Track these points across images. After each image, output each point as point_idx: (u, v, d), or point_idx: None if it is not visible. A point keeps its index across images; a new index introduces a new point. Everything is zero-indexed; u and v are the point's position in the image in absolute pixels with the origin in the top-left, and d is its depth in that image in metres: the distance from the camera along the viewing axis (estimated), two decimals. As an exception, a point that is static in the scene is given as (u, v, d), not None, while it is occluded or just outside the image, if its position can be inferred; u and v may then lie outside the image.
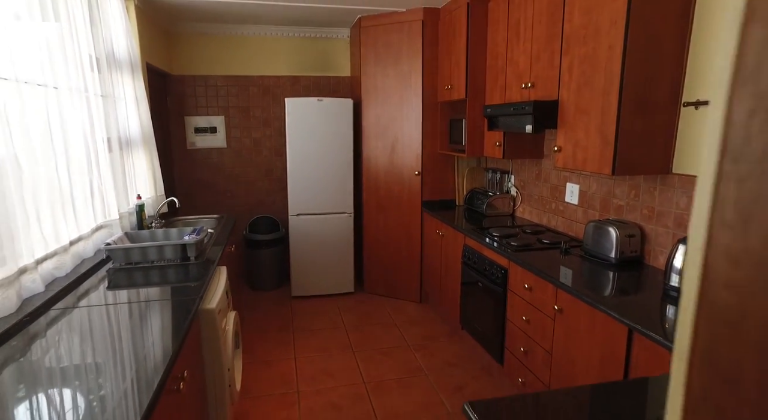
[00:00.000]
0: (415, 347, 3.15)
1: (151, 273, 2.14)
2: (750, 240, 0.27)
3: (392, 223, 3.90)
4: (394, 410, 2.46)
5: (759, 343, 0.27)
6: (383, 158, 3.86)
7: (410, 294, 3.93)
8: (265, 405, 2.50)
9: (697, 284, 0.30)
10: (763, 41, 0.26)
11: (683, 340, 0.31)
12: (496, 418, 1.05)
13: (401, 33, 3.65)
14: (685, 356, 0.31)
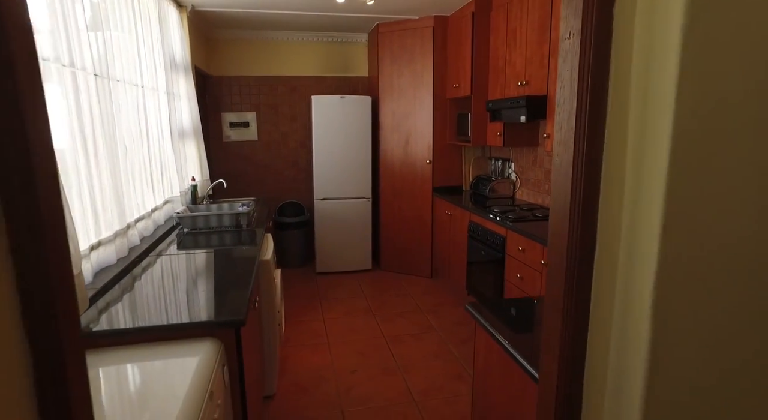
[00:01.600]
0: (427, 311, 3.62)
1: (212, 236, 2.64)
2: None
3: (406, 206, 4.38)
4: (410, 356, 2.94)
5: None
6: (398, 149, 4.34)
7: (422, 270, 4.40)
8: (302, 352, 3.00)
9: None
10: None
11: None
12: (485, 312, 1.51)
13: (414, 38, 4.12)
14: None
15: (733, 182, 0.73)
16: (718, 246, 0.74)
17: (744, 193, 0.73)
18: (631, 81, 0.77)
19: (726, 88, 0.70)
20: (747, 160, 0.73)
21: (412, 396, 2.51)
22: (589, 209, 0.83)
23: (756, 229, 0.74)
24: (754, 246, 0.75)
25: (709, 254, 0.74)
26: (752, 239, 0.75)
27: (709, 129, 0.71)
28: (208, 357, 1.33)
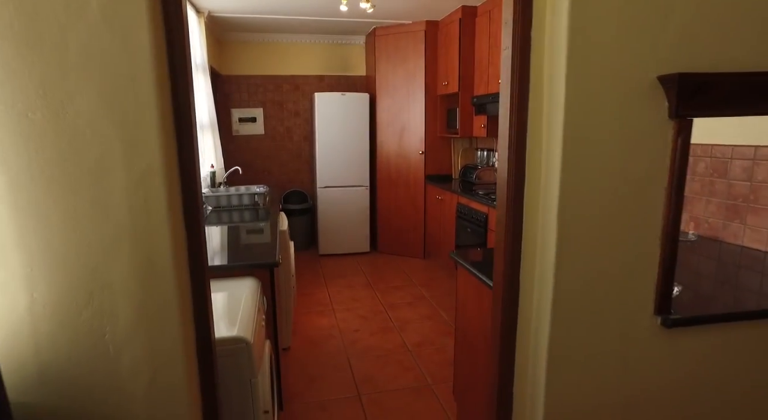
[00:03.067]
0: (420, 285, 4.07)
1: (233, 213, 3.07)
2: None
3: (401, 193, 4.82)
4: (405, 318, 3.38)
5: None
6: (393, 141, 4.78)
7: (416, 251, 4.85)
8: (311, 316, 3.43)
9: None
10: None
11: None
12: (464, 256, 1.95)
13: (408, 40, 4.56)
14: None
15: (599, 162, 1.18)
16: (589, 191, 1.19)
17: (604, 171, 1.18)
18: (543, 85, 1.21)
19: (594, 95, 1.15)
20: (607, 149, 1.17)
21: (408, 347, 2.96)
22: (520, 178, 1.27)
23: (609, 187, 1.19)
24: (610, 196, 1.20)
25: (585, 200, 1.19)
26: (608, 192, 1.19)
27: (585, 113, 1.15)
28: (254, 286, 1.78)
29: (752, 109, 1.28)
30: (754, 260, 1.86)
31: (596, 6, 1.11)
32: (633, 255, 1.26)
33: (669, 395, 1.37)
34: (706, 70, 1.20)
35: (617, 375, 1.32)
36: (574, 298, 1.24)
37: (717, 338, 1.37)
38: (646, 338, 1.32)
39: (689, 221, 2.31)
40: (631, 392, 1.34)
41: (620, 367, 1.32)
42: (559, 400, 1.30)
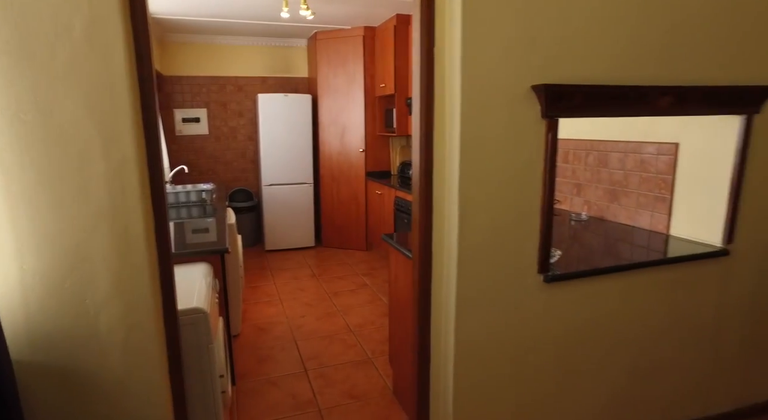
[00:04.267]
0: (362, 274, 4.36)
1: (181, 210, 3.20)
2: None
3: (343, 189, 5.09)
4: (348, 304, 3.66)
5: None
6: (335, 140, 5.04)
7: (359, 244, 5.14)
8: (258, 306, 3.62)
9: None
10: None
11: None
12: (396, 239, 2.26)
13: (347, 44, 4.83)
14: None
15: (491, 152, 1.51)
16: (484, 175, 1.52)
17: (495, 159, 1.52)
18: (445, 93, 1.53)
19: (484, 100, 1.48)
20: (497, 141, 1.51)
21: (350, 328, 3.23)
22: (429, 167, 1.59)
23: (500, 171, 1.53)
24: (501, 179, 1.54)
25: (481, 182, 1.52)
26: (499, 175, 1.53)
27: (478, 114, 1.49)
28: (207, 269, 1.98)
29: (601, 113, 1.67)
30: (624, 233, 2.31)
31: (481, 34, 1.44)
32: (520, 225, 1.61)
33: (551, 334, 1.74)
34: (566, 83, 1.57)
35: (511, 319, 1.67)
36: (475, 259, 1.58)
37: (585, 289, 1.76)
38: (532, 291, 1.68)
39: (583, 204, 2.77)
40: (523, 333, 1.70)
41: (514, 313, 1.67)
42: (466, 342, 1.62)
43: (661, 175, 2.22)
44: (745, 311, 2.07)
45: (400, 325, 2.25)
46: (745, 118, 1.83)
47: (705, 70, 1.76)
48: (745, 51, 1.80)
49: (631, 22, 1.61)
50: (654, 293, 1.88)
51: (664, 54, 1.69)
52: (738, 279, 2.01)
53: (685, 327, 1.97)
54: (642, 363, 1.93)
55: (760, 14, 1.79)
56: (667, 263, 1.88)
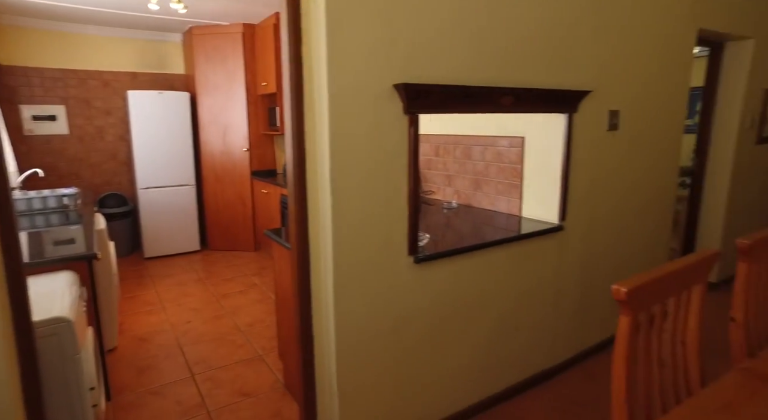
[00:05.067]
0: (252, 275, 4.29)
1: (36, 218, 2.87)
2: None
3: (228, 190, 4.93)
4: (238, 305, 3.58)
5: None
6: (217, 139, 4.86)
7: (247, 245, 5.02)
8: (138, 316, 3.39)
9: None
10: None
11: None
12: (278, 234, 2.29)
13: (226, 41, 4.69)
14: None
15: (359, 146, 1.64)
16: (354, 167, 1.64)
17: (364, 153, 1.65)
18: (314, 91, 1.62)
19: (351, 97, 1.60)
20: (365, 136, 1.64)
21: (240, 328, 3.18)
22: (301, 161, 1.67)
23: (368, 163, 1.67)
24: (369, 170, 1.67)
25: (351, 174, 1.64)
26: (368, 167, 1.67)
27: (345, 110, 1.60)
28: (71, 278, 1.84)
29: (454, 109, 1.89)
30: (487, 217, 2.61)
31: (345, 35, 1.55)
32: (389, 212, 1.76)
33: (424, 308, 1.93)
34: (424, 82, 1.75)
35: (386, 299, 1.82)
36: (349, 246, 1.69)
37: (450, 266, 1.97)
38: (404, 272, 1.84)
39: (453, 193, 3.05)
40: (398, 310, 1.86)
41: (388, 293, 1.82)
42: (346, 324, 1.74)
43: (513, 164, 2.56)
44: (577, 274, 2.49)
45: (287, 318, 2.30)
46: (568, 116, 2.20)
47: (537, 76, 2.08)
48: (566, 63, 2.17)
49: (477, 30, 1.85)
50: (508, 265, 2.18)
51: (504, 60, 1.96)
52: (570, 249, 2.41)
53: (534, 292, 2.31)
54: (501, 326, 2.22)
55: (576, 37, 2.17)
56: (517, 240, 2.18)
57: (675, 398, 1.17)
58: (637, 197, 2.77)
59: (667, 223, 3.08)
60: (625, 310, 1.02)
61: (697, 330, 1.23)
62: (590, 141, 2.39)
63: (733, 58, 3.41)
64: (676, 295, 1.15)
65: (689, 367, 1.22)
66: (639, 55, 2.54)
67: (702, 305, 1.23)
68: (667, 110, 2.84)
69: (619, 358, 1.04)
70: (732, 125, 3.46)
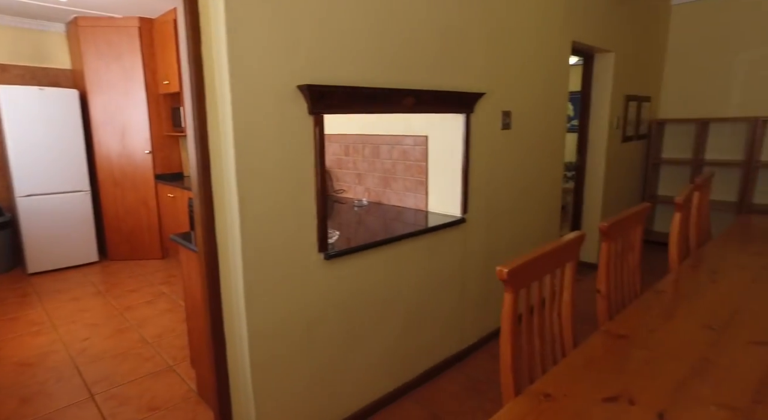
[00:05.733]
0: (160, 282, 4.05)
1: None
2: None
3: (130, 195, 4.60)
4: (144, 316, 3.37)
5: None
6: (115, 141, 4.51)
7: (153, 252, 4.72)
8: (21, 340, 3.05)
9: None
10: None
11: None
12: (185, 238, 2.21)
13: (120, 35, 4.37)
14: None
15: (266, 146, 1.65)
16: (260, 167, 1.65)
17: (271, 153, 1.66)
18: (216, 92, 1.60)
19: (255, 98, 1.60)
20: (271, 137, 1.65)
21: (147, 340, 3.00)
22: (206, 162, 1.64)
23: (275, 163, 1.68)
24: (277, 170, 1.69)
25: (258, 174, 1.64)
26: (275, 167, 1.69)
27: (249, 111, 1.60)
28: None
29: (358, 110, 1.97)
30: (396, 213, 2.73)
31: (246, 36, 1.56)
32: (298, 211, 1.79)
33: (336, 304, 1.98)
34: (327, 83, 1.81)
35: (298, 297, 1.84)
36: (258, 246, 1.69)
37: (361, 262, 2.05)
38: (315, 269, 1.88)
39: (364, 191, 3.15)
40: (311, 308, 1.89)
41: (300, 291, 1.84)
42: (258, 324, 1.74)
43: (418, 162, 2.71)
44: (480, 262, 2.70)
45: (198, 324, 2.23)
46: (466, 116, 2.39)
47: (436, 79, 2.23)
48: (462, 67, 2.35)
49: (379, 34, 1.95)
50: (416, 258, 2.31)
51: (405, 63, 2.08)
52: (473, 239, 2.61)
53: (441, 281, 2.47)
54: (412, 316, 2.35)
55: (470, 44, 2.36)
56: (423, 233, 2.32)
57: (553, 361, 1.35)
58: (530, 190, 3.07)
59: (556, 212, 3.44)
60: (508, 288, 1.16)
61: (570, 302, 1.43)
62: (487, 139, 2.60)
63: (601, 67, 3.89)
64: (551, 273, 1.32)
65: (564, 333, 1.41)
66: (525, 61, 2.82)
67: (573, 280, 1.43)
68: (552, 111, 3.17)
69: (505, 330, 1.18)
70: (603, 126, 3.94)
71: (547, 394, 1.09)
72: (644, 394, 1.08)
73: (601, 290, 1.59)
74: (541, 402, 1.06)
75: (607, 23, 3.65)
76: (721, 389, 1.09)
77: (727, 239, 2.38)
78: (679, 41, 4.63)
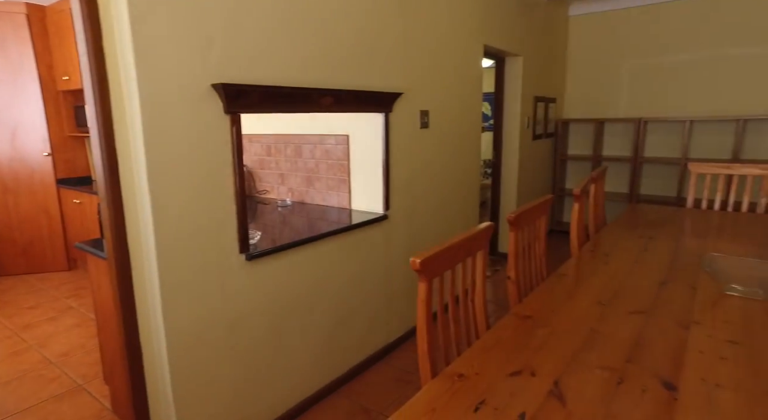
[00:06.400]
0: (66, 296, 3.72)
1: None
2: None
3: (24, 202, 4.16)
4: (46, 334, 3.08)
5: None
6: (3, 142, 4.06)
7: (58, 264, 4.32)
8: None
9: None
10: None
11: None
12: (94, 245, 2.06)
13: (4, 23, 3.93)
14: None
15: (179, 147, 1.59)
16: (174, 168, 1.59)
17: (185, 153, 1.61)
18: (122, 89, 1.52)
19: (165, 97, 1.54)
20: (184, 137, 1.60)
21: (50, 360, 2.75)
22: (113, 165, 1.56)
23: (191, 164, 1.63)
24: (193, 171, 1.64)
25: (172, 176, 1.58)
26: (191, 168, 1.63)
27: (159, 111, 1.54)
28: None
29: (276, 109, 1.96)
30: (321, 212, 2.74)
31: (153, 31, 1.49)
32: (216, 212, 1.75)
33: (261, 305, 1.96)
34: (244, 82, 1.78)
35: (220, 300, 1.80)
36: (175, 250, 1.63)
37: (285, 261, 2.05)
38: (236, 270, 1.85)
39: (287, 192, 3.12)
40: (234, 310, 1.86)
41: (221, 294, 1.80)
42: (177, 331, 1.67)
43: (341, 161, 2.74)
44: (403, 257, 2.79)
45: (111, 336, 2.09)
46: (385, 115, 2.46)
47: (355, 79, 2.28)
48: (380, 67, 2.42)
49: (296, 35, 1.95)
50: (341, 255, 2.34)
51: (323, 63, 2.10)
52: (396, 235, 2.70)
53: (366, 277, 2.53)
54: (339, 312, 2.38)
55: (387, 45, 2.43)
56: (347, 230, 2.36)
57: (468, 344, 1.45)
58: (450, 185, 3.22)
59: (475, 206, 3.63)
60: (422, 277, 1.23)
61: (482, 288, 1.54)
62: (406, 138, 2.69)
63: (511, 70, 4.17)
64: (462, 262, 1.41)
65: (478, 318, 1.51)
66: (441, 63, 2.95)
67: (484, 268, 1.54)
68: (468, 111, 3.35)
69: (421, 318, 1.25)
70: (516, 125, 4.23)
71: (461, 375, 1.17)
72: (544, 366, 1.20)
73: (511, 276, 1.72)
74: (455, 382, 1.14)
75: (515, 29, 3.91)
76: (603, 354, 1.24)
77: (618, 225, 2.67)
78: (577, 49, 5.08)
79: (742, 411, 1.00)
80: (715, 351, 1.25)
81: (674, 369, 1.16)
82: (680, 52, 4.51)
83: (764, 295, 1.58)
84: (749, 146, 4.31)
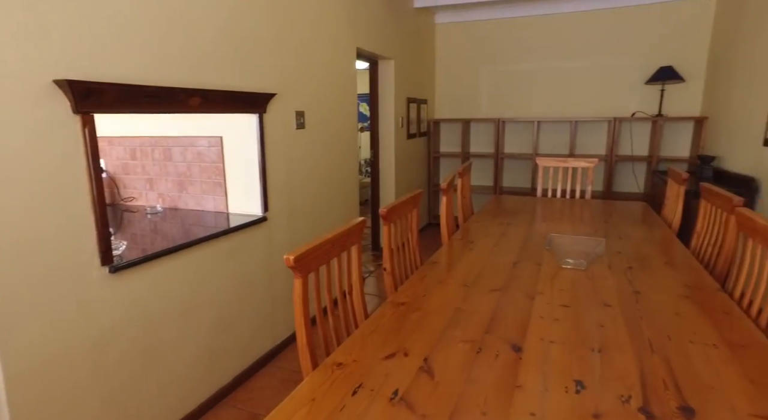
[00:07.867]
0: None
1: None
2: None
3: None
4: None
5: None
6: None
7: None
8: None
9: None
10: None
11: None
12: None
13: None
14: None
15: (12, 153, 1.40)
16: (11, 176, 1.41)
17: (20, 161, 1.42)
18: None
19: None
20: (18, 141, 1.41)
21: None
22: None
23: (27, 174, 1.46)
24: (30, 182, 1.46)
25: (9, 179, 1.40)
26: (27, 178, 1.45)
27: None
28: None
29: (137, 109, 1.83)
30: (196, 217, 2.61)
31: (-30, 17, 1.30)
32: (71, 222, 1.58)
33: (130, 319, 1.82)
34: (98, 80, 1.63)
35: (79, 318, 1.63)
36: (19, 269, 1.44)
37: (156, 270, 1.92)
38: (99, 285, 1.69)
39: (157, 197, 2.91)
40: (96, 328, 1.69)
41: (81, 311, 1.63)
42: (20, 362, 1.48)
43: (215, 163, 2.63)
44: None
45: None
46: (258, 116, 2.43)
47: (225, 79, 2.21)
48: (252, 67, 2.38)
49: (160, 32, 1.83)
50: (219, 261, 2.26)
51: (191, 62, 2.01)
52: (276, 236, 2.68)
53: (247, 281, 2.47)
54: (220, 320, 2.30)
55: (259, 44, 2.39)
56: (224, 235, 2.29)
57: (348, 334, 1.52)
58: (329, 184, 3.28)
59: (355, 203, 3.75)
60: (297, 273, 1.26)
61: (359, 280, 1.62)
62: (283, 138, 2.69)
63: (384, 72, 4.38)
64: (337, 256, 1.48)
65: (356, 308, 1.59)
66: (315, 64, 3.00)
67: (360, 261, 1.63)
68: (343, 111, 3.44)
69: (298, 312, 1.28)
70: (391, 124, 4.45)
71: (339, 363, 1.24)
72: (415, 346, 1.32)
73: (387, 268, 1.84)
74: (334, 370, 1.20)
75: (386, 34, 4.11)
76: (466, 329, 1.40)
77: (482, 215, 2.98)
78: (444, 54, 5.51)
79: (565, 358, 1.22)
80: (551, 315, 1.49)
81: (521, 333, 1.37)
82: (526, 62, 5.16)
83: (587, 265, 1.92)
84: (580, 143, 5.10)
